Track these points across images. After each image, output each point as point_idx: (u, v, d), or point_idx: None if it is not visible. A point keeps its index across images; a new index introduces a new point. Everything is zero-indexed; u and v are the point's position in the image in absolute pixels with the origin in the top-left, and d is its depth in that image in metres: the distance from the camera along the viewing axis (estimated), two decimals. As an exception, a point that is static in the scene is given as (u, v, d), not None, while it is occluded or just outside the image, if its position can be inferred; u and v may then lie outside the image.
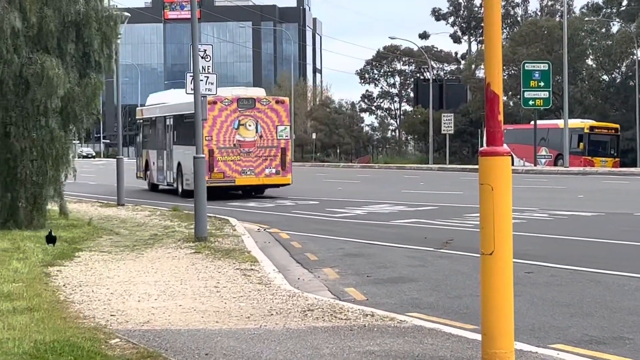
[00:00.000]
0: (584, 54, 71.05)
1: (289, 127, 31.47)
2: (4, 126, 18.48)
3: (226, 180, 30.26)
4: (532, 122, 54.90)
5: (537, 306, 10.16)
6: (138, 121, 40.46)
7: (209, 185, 31.04)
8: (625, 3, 74.50)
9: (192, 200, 17.49)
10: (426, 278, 12.44)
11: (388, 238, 17.49)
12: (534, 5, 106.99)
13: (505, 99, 68.48)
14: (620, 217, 21.34)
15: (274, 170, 30.70)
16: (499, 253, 6.77)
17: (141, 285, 11.51)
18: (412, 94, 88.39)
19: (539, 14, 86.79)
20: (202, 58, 18.77)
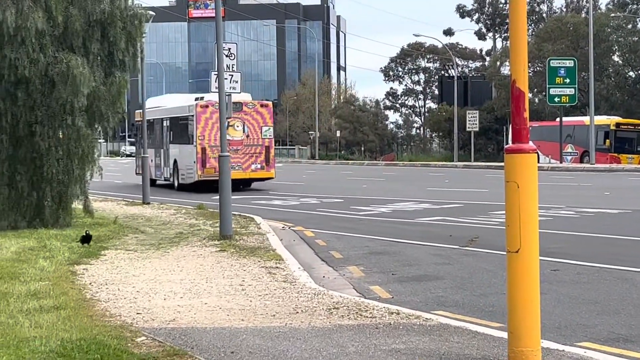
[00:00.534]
0: (610, 50, 70.63)
1: (272, 128, 35.22)
2: (30, 125, 18.58)
3: (217, 174, 30.94)
4: (558, 119, 54.63)
5: (564, 304, 10.10)
6: (137, 122, 41.88)
7: (202, 179, 33.74)
8: (651, -1, 74.09)
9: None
10: (451, 276, 12.40)
11: (413, 236, 17.46)
12: (559, 1, 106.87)
13: (530, 95, 68.18)
14: (647, 214, 21.20)
15: (259, 166, 34.44)
16: (525, 251, 6.74)
17: (167, 283, 11.54)
18: (437, 91, 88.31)
19: (565, 10, 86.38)
20: (227, 56, 18.81)
